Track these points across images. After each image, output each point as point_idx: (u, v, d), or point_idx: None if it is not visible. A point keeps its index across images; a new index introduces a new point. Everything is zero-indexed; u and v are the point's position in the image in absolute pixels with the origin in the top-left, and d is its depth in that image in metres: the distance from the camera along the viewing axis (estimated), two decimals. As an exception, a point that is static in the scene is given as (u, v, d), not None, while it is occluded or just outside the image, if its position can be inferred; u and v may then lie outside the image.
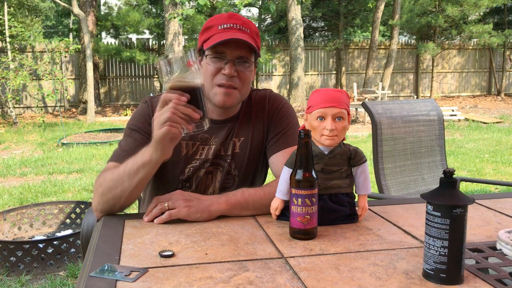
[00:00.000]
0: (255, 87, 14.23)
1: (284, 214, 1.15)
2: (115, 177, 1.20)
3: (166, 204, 1.16)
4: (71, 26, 19.50)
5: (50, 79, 10.18)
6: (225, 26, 1.31)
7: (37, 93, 10.06)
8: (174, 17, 9.21)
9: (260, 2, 15.55)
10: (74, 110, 12.54)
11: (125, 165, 1.20)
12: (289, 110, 1.48)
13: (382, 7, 13.47)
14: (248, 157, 1.44)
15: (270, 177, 1.51)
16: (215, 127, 1.42)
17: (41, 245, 2.80)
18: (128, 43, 13.44)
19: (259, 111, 1.46)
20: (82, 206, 3.49)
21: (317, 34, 18.87)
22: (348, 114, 1.13)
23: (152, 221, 1.17)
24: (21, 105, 12.14)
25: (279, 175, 1.17)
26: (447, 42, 15.30)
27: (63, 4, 10.80)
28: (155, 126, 1.10)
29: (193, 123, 1.09)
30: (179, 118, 1.06)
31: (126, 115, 11.50)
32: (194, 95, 1.08)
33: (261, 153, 1.46)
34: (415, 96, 15.31)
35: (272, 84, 14.44)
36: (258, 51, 1.35)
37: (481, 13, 15.38)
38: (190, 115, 1.07)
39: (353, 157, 1.14)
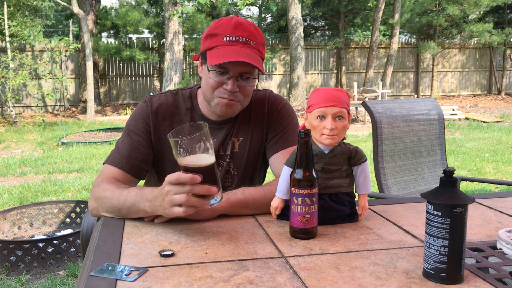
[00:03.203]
0: (255, 86, 14.21)
1: (284, 213, 1.15)
2: (115, 204, 1.18)
3: None
4: (71, 25, 19.50)
5: (50, 78, 10.18)
6: (230, 38, 1.28)
7: (37, 92, 10.05)
8: (174, 15, 9.20)
9: (260, 1, 15.53)
10: (74, 109, 12.54)
11: (125, 198, 1.16)
12: (289, 110, 1.47)
13: (382, 6, 13.47)
14: (247, 156, 1.44)
15: (269, 177, 1.51)
16: (214, 128, 1.42)
17: (41, 245, 2.80)
18: (128, 42, 13.43)
19: (259, 112, 1.46)
20: (82, 206, 3.49)
21: (317, 33, 18.86)
22: (348, 113, 1.13)
23: (153, 220, 1.16)
24: (21, 104, 12.14)
25: (279, 175, 1.16)
26: (447, 41, 15.30)
27: (62, 3, 10.79)
28: (167, 202, 1.05)
29: (208, 199, 1.06)
30: (195, 199, 1.03)
31: (126, 114, 11.50)
32: (209, 173, 1.05)
33: (260, 153, 1.46)
34: (416, 95, 15.32)
35: (272, 84, 14.43)
36: (262, 67, 1.31)
37: (481, 12, 15.38)
38: (207, 193, 1.04)
39: (353, 157, 1.14)
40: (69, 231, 3.37)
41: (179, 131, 1.04)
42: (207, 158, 1.05)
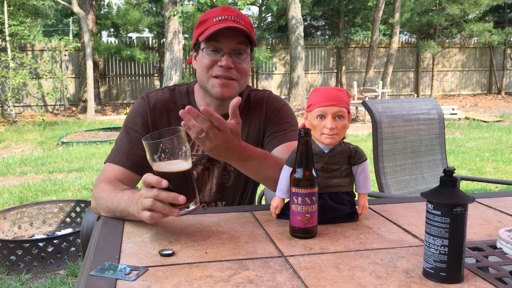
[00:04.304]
0: (255, 86, 14.16)
1: (284, 212, 1.15)
2: (110, 206, 1.17)
3: None
4: (71, 24, 19.50)
5: (50, 77, 10.18)
6: (220, 18, 1.31)
7: (37, 92, 10.04)
8: (174, 15, 9.20)
9: (261, 0, 15.53)
10: (74, 109, 12.54)
11: (118, 200, 1.15)
12: (289, 111, 1.49)
13: (382, 6, 13.47)
14: None
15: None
16: None
17: (41, 244, 2.80)
18: (128, 42, 13.43)
19: (257, 110, 1.47)
20: (82, 205, 3.49)
21: (317, 32, 18.85)
22: (348, 112, 1.13)
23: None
24: (21, 104, 12.14)
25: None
26: (447, 40, 15.30)
27: (63, 2, 10.78)
28: (139, 204, 1.04)
29: (179, 206, 1.01)
30: (160, 205, 0.99)
31: (126, 114, 11.50)
32: (180, 180, 1.01)
33: None
34: (416, 95, 15.31)
35: (272, 83, 14.43)
36: (254, 42, 1.35)
37: (482, 11, 15.37)
38: (172, 201, 0.99)
39: (353, 156, 1.14)
40: (69, 230, 3.37)
41: (154, 136, 1.01)
42: (179, 164, 1.00)
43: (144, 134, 1.37)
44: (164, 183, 0.98)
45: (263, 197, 1.74)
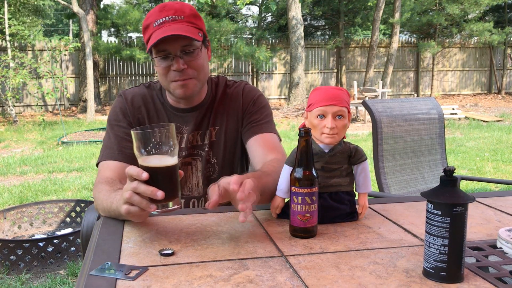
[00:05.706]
0: (255, 85, 14.12)
1: (285, 212, 1.15)
2: (105, 206, 1.17)
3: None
4: (71, 24, 19.49)
5: (50, 77, 10.18)
6: (158, 22, 1.31)
7: (37, 92, 10.03)
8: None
9: (260, 0, 15.52)
10: (74, 108, 12.54)
11: (112, 200, 1.13)
12: (265, 101, 1.52)
13: (382, 5, 13.46)
14: (224, 144, 1.47)
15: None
16: (185, 116, 1.45)
17: (41, 244, 2.80)
18: (128, 42, 13.43)
19: (234, 100, 1.49)
20: (82, 205, 3.49)
21: (318, 32, 18.85)
22: (349, 112, 1.13)
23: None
24: (21, 104, 12.13)
25: (257, 161, 1.22)
26: (447, 40, 15.30)
27: (63, 2, 10.78)
28: (120, 199, 1.04)
29: (158, 203, 0.99)
30: (137, 199, 0.98)
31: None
32: (163, 176, 1.00)
33: (237, 140, 1.50)
34: (416, 95, 15.31)
35: (273, 83, 14.43)
36: (199, 34, 1.32)
37: (482, 11, 15.38)
38: (150, 195, 0.97)
39: (354, 155, 1.14)
40: (69, 230, 3.37)
41: (144, 129, 1.00)
42: (164, 159, 0.99)
43: (128, 127, 1.39)
44: (145, 175, 0.96)
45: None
